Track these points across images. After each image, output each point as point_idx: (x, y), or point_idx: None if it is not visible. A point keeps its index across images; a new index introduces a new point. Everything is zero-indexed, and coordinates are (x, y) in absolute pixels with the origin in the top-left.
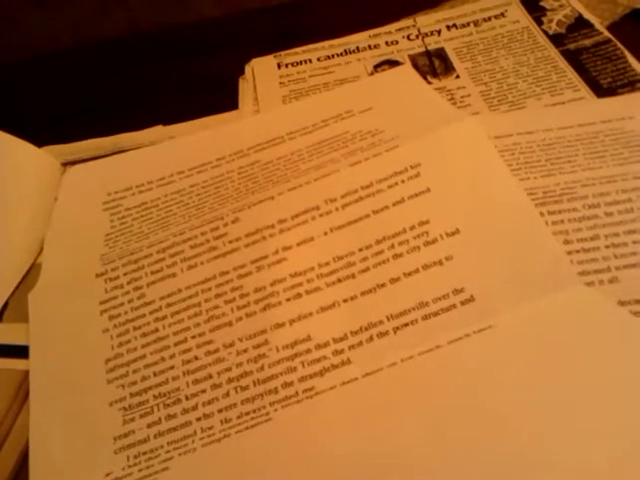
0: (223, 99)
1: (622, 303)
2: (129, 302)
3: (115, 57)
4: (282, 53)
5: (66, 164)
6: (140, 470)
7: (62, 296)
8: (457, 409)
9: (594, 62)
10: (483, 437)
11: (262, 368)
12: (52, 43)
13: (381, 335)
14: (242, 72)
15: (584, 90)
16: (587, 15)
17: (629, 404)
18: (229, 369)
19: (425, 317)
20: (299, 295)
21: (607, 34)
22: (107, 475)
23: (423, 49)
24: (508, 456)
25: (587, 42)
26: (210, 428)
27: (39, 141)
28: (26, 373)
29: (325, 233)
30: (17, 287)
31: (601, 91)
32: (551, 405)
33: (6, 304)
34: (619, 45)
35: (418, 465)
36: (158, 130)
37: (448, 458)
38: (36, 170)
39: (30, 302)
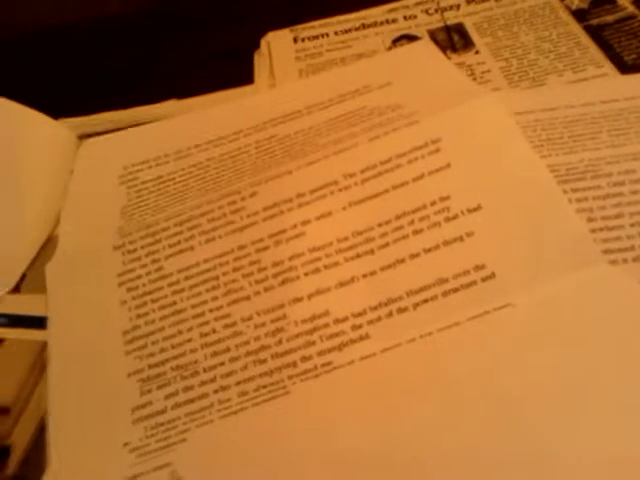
0: (238, 73)
1: None
2: (147, 275)
3: (133, 29)
4: (298, 27)
5: (82, 137)
6: (157, 441)
7: (80, 268)
8: (474, 386)
9: (618, 38)
10: (498, 415)
11: (280, 342)
12: (64, 15)
13: (400, 311)
14: (257, 46)
15: (607, 67)
16: None
17: None
18: (247, 342)
19: (445, 293)
20: (318, 270)
21: (632, 9)
22: (125, 445)
23: (442, 24)
24: (523, 434)
25: (610, 18)
26: (228, 400)
27: (55, 113)
28: (44, 344)
29: (344, 208)
30: (34, 259)
31: (625, 68)
32: (570, 386)
33: (24, 276)
34: None
35: (433, 440)
36: (173, 104)
37: (463, 434)
38: (52, 142)
39: (48, 274)
